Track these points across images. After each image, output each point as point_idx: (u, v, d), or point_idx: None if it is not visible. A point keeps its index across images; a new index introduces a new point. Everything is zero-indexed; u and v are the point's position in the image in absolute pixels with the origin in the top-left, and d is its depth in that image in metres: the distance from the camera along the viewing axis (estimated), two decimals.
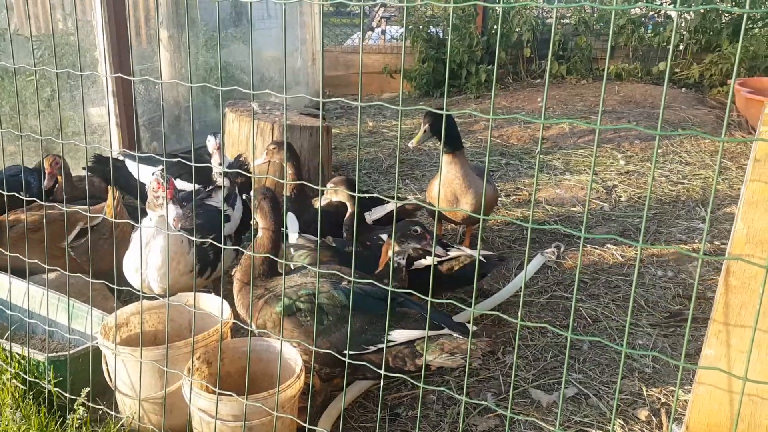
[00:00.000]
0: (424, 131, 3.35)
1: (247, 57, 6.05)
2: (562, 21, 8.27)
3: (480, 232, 1.61)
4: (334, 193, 3.11)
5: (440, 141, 3.33)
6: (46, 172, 3.32)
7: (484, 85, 7.73)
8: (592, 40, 7.95)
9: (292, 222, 3.10)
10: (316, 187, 1.83)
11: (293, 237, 3.07)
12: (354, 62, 8.68)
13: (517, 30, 7.81)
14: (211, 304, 2.58)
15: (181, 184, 3.66)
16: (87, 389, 2.27)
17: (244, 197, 3.40)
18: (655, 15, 8.38)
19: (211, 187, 3.37)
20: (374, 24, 11.61)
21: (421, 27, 8.05)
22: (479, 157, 5.58)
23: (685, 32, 7.70)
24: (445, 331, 2.26)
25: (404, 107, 1.56)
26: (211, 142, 3.53)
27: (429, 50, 7.91)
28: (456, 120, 6.34)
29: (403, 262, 2.66)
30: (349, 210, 3.19)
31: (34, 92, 4.52)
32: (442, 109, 1.63)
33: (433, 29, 8.33)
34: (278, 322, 2.27)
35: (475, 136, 6.15)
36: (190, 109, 5.33)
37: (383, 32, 11.30)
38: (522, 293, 1.47)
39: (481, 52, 7.81)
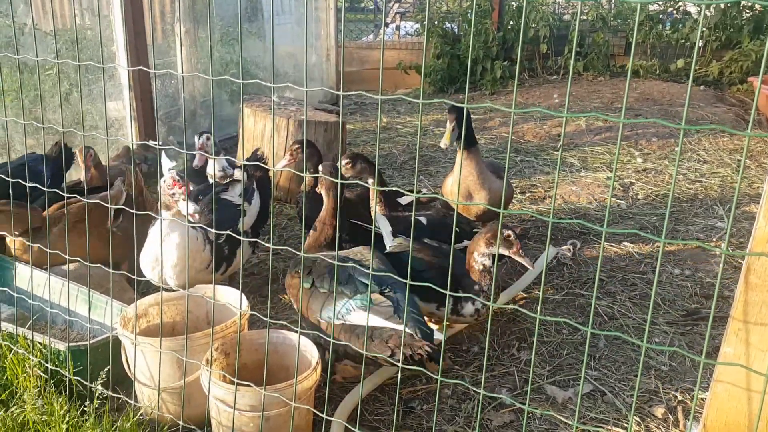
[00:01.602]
0: (453, 128, 3.31)
1: (261, 52, 6.07)
2: (580, 17, 8.20)
3: (499, 227, 1.61)
4: (350, 170, 3.07)
5: (457, 138, 3.32)
6: (81, 165, 3.40)
7: (500, 82, 7.69)
8: (610, 36, 7.88)
9: (384, 224, 2.96)
10: (336, 181, 1.85)
11: (388, 241, 2.87)
12: (368, 58, 8.68)
13: (533, 26, 7.76)
14: (228, 296, 2.60)
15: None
16: (105, 370, 2.29)
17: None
18: (674, 11, 8.29)
19: (228, 181, 3.38)
20: (389, 20, 11.60)
21: (436, 23, 8.03)
22: (494, 153, 5.56)
23: (704, 29, 7.61)
24: (404, 328, 2.14)
25: (424, 101, 1.56)
26: (197, 142, 3.50)
27: (444, 46, 7.90)
28: (472, 116, 6.31)
29: (489, 262, 2.58)
30: (370, 182, 3.10)
31: (51, 86, 4.58)
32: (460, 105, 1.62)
33: (449, 25, 8.31)
34: (291, 282, 2.56)
35: (490, 133, 6.13)
36: (205, 104, 5.37)
37: (398, 28, 11.30)
38: (542, 288, 1.46)
39: (497, 48, 7.78)
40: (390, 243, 2.84)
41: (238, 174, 3.36)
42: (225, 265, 2.99)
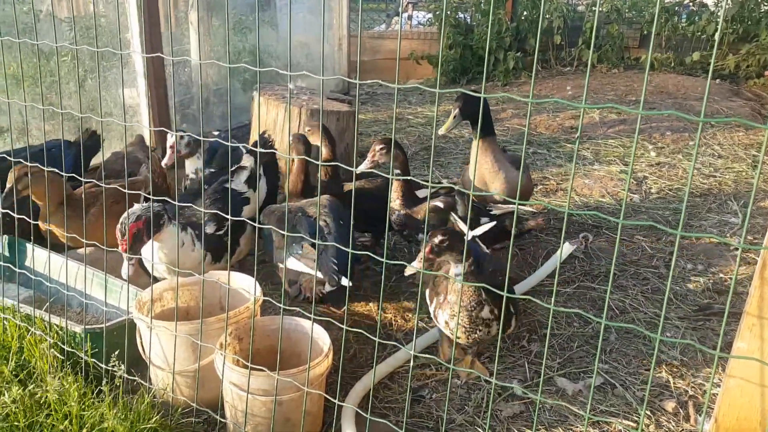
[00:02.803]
0: (454, 116, 3.30)
1: (274, 41, 6.06)
2: (593, 9, 8.13)
3: (515, 219, 1.62)
4: (384, 156, 3.02)
5: (472, 125, 3.30)
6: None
7: (512, 73, 7.65)
8: (624, 28, 7.81)
9: (485, 226, 2.96)
10: (350, 168, 1.86)
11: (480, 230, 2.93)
12: (380, 48, 8.65)
13: (547, 17, 7.71)
14: (241, 282, 2.62)
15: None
16: (117, 353, 2.33)
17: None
18: (690, 3, 8.19)
19: (234, 168, 3.31)
20: (401, 9, 11.54)
21: (449, 13, 7.98)
22: (506, 144, 5.54)
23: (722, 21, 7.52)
24: (317, 274, 2.61)
25: (441, 91, 1.56)
26: (170, 140, 3.21)
27: (457, 36, 7.85)
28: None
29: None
30: (397, 172, 3.06)
31: (66, 72, 4.60)
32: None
33: (461, 15, 8.26)
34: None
35: (503, 124, 6.11)
36: (218, 92, 5.38)
37: (410, 18, 11.24)
38: (556, 279, 1.46)
39: (510, 38, 7.73)
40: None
41: (246, 160, 3.31)
42: (227, 255, 2.96)
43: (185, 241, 2.72)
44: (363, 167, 3.03)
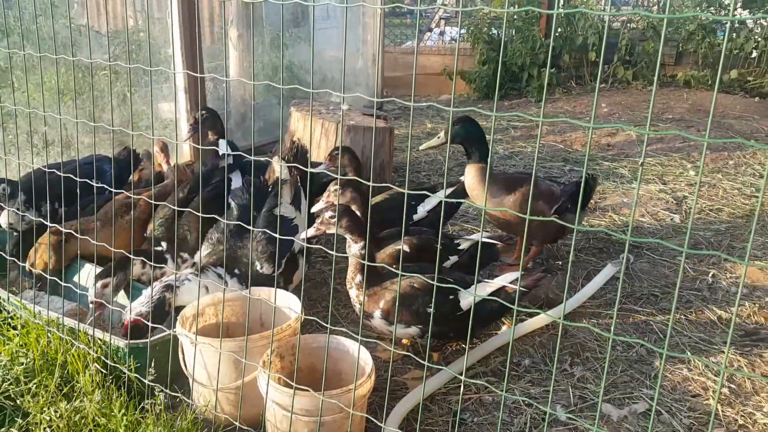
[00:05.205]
0: (438, 137, 3.26)
1: (309, 56, 6.13)
2: (629, 25, 8.06)
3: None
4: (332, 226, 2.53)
5: (465, 150, 3.21)
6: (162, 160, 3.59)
7: (546, 89, 7.61)
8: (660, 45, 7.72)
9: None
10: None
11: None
12: (412, 63, 8.67)
13: (581, 33, 7.66)
14: (282, 299, 2.62)
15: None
16: (159, 368, 2.34)
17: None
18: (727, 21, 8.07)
19: (272, 190, 3.09)
20: (433, 25, 11.58)
21: (483, 29, 7.99)
22: (540, 162, 5.49)
23: (760, 39, 7.39)
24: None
25: (497, 114, 1.55)
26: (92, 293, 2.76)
27: (490, 52, 7.85)
28: (517, 123, 6.25)
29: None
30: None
31: (105, 86, 4.71)
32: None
33: (495, 31, 8.26)
34: None
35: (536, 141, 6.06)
36: (255, 107, 5.45)
37: (442, 33, 11.27)
38: (616, 306, 1.43)
39: (544, 55, 7.70)
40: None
41: (277, 169, 3.12)
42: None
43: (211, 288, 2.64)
44: (309, 234, 2.55)
